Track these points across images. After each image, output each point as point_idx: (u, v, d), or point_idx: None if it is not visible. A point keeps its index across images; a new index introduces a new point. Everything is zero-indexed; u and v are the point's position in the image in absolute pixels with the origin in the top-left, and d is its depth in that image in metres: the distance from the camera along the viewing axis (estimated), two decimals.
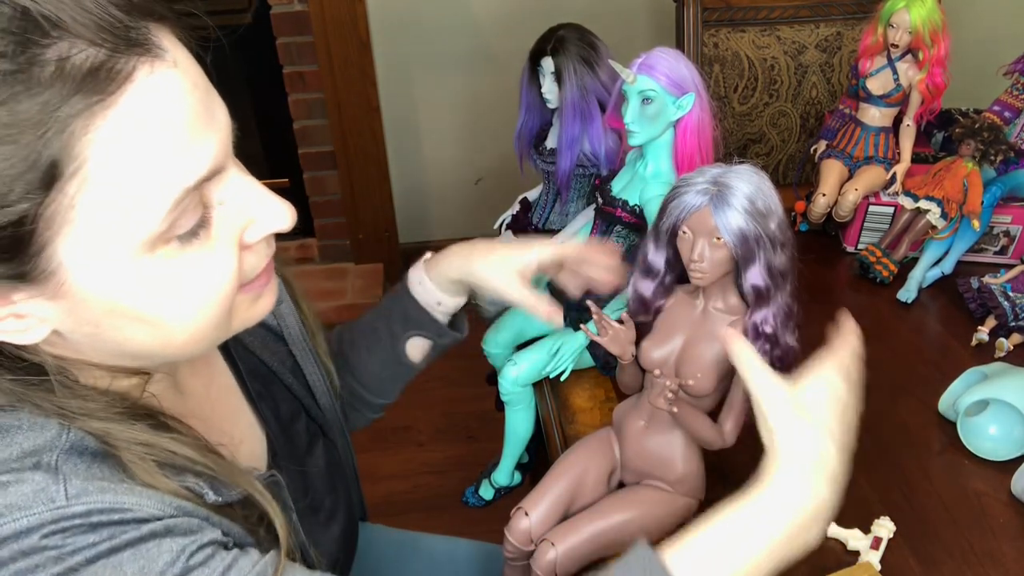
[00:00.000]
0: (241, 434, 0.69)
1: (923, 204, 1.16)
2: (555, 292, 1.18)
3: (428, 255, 0.84)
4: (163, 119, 0.44)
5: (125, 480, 0.50)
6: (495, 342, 1.27)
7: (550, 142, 1.45)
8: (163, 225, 0.45)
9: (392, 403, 0.93)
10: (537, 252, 0.80)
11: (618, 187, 1.06)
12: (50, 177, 0.41)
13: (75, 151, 0.41)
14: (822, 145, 1.34)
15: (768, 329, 0.75)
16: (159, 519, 0.50)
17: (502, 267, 0.79)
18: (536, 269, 0.80)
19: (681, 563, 0.56)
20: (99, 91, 0.41)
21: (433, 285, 0.82)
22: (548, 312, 0.78)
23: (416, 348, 0.87)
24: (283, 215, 0.52)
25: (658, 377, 0.77)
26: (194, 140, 0.45)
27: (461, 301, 0.85)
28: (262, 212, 0.51)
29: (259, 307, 0.57)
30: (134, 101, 0.42)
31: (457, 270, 0.81)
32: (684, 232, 0.75)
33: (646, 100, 0.94)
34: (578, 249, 0.81)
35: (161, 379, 0.60)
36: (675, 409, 0.74)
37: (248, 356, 0.73)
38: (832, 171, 1.27)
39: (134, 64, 0.42)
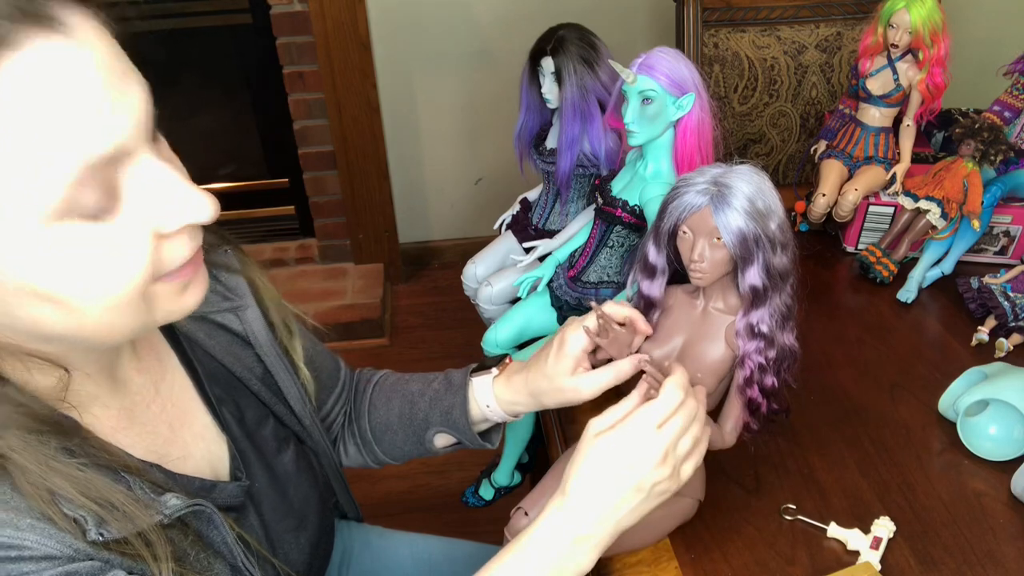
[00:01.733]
0: (194, 437, 0.68)
1: (923, 204, 1.16)
2: (555, 294, 1.19)
3: (496, 372, 0.84)
4: (58, 91, 0.44)
5: (13, 498, 0.49)
6: (495, 342, 1.27)
7: (550, 142, 1.45)
8: (62, 198, 0.45)
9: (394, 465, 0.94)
10: (575, 339, 0.77)
11: (618, 187, 1.06)
12: None
13: None
14: (822, 145, 1.34)
15: (764, 329, 0.75)
16: (58, 561, 0.49)
17: (563, 377, 0.78)
18: (586, 351, 0.78)
19: None
20: None
21: (497, 406, 0.83)
22: (633, 365, 0.77)
23: (443, 440, 0.88)
24: (202, 207, 0.51)
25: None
26: (97, 118, 0.46)
27: (511, 419, 0.86)
28: (180, 202, 0.51)
29: (186, 299, 0.56)
30: (19, 68, 0.43)
31: (527, 405, 0.82)
32: (684, 232, 0.76)
33: (646, 100, 0.94)
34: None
35: (95, 374, 0.59)
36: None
37: (208, 360, 0.72)
38: (832, 171, 1.27)
39: (25, 34, 0.43)
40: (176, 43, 2.19)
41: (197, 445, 0.68)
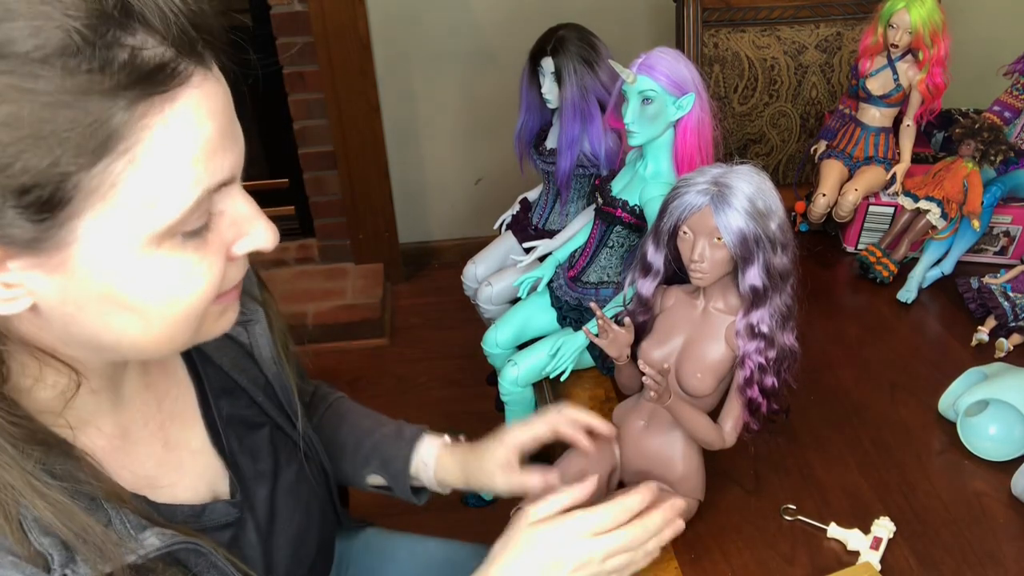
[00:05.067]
0: (192, 454, 0.68)
1: (923, 204, 1.16)
2: (555, 294, 1.19)
3: (448, 440, 0.89)
4: (207, 123, 0.48)
5: None
6: (495, 342, 1.27)
7: (550, 142, 1.45)
8: (176, 220, 0.48)
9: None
10: (514, 435, 0.83)
11: (618, 187, 1.06)
12: (104, 149, 0.44)
13: (130, 132, 0.45)
14: (822, 145, 1.34)
15: (764, 329, 0.75)
16: None
17: (493, 463, 0.83)
18: (519, 453, 0.83)
19: None
20: (163, 84, 0.45)
21: (431, 471, 0.89)
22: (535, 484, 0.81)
23: (375, 480, 0.92)
24: (269, 236, 0.56)
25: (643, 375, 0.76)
26: (224, 147, 0.50)
27: (437, 488, 0.91)
28: (253, 229, 0.55)
29: (224, 320, 0.59)
30: (187, 101, 0.47)
31: (455, 480, 0.88)
32: (684, 232, 0.76)
33: (646, 100, 0.94)
34: (551, 427, 0.83)
35: (100, 389, 0.59)
36: (653, 396, 0.73)
37: (215, 372, 0.73)
38: (832, 171, 1.27)
39: (192, 69, 0.47)
40: None
41: (196, 462, 0.67)
